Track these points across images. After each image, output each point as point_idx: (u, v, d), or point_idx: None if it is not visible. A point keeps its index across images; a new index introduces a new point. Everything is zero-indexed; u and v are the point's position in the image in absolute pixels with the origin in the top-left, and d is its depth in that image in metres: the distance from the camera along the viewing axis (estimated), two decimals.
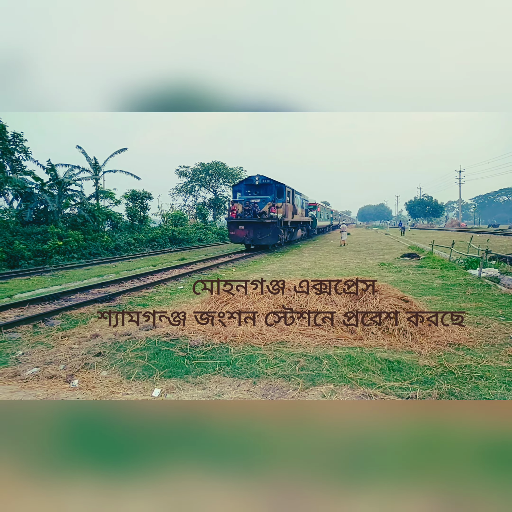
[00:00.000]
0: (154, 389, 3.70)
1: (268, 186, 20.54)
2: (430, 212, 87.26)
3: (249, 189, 20.91)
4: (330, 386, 3.70)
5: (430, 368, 4.02)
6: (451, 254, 14.10)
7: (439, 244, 18.51)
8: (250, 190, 20.83)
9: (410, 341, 4.77)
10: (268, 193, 20.24)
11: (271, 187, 20.44)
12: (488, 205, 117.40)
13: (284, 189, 20.56)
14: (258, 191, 20.65)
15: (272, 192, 20.24)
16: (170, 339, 4.84)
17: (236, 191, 21.42)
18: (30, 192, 20.11)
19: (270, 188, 20.41)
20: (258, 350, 4.54)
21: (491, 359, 4.28)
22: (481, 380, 3.75)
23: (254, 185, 20.71)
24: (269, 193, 20.19)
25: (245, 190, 20.97)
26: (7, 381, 3.96)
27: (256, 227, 19.15)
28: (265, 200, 19.71)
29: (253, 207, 19.38)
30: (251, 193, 20.66)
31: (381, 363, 4.11)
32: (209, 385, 3.79)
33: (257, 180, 20.61)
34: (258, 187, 20.68)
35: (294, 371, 4.00)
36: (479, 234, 32.00)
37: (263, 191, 20.47)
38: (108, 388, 3.75)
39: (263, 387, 3.73)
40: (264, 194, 20.23)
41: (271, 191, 20.29)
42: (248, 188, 20.95)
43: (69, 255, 17.79)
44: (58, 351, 4.75)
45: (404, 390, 3.58)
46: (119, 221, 26.08)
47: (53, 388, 3.76)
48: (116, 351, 4.58)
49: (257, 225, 19.11)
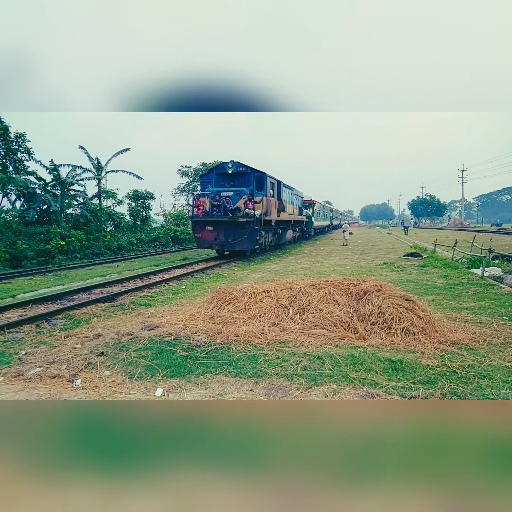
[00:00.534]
0: (156, 389, 3.71)
1: (245, 175, 16.37)
2: (433, 211, 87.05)
3: (221, 179, 16.72)
4: (333, 385, 3.70)
5: (433, 367, 4.01)
6: (454, 253, 14.06)
7: (442, 243, 18.46)
8: (222, 181, 16.69)
9: (413, 340, 4.75)
10: (245, 184, 16.19)
11: (248, 176, 16.30)
12: (491, 204, 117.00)
13: (265, 180, 16.36)
14: (232, 181, 16.55)
15: (250, 183, 16.17)
16: (173, 338, 4.84)
17: (206, 182, 17.03)
18: (33, 192, 20.17)
19: (247, 178, 16.32)
20: (261, 350, 4.54)
21: (494, 358, 4.26)
22: (484, 380, 3.74)
23: (227, 174, 16.50)
24: (246, 184, 16.12)
25: (216, 181, 16.72)
26: (10, 380, 3.97)
27: (228, 228, 15.02)
28: (239, 193, 15.51)
29: (223, 202, 15.26)
30: (223, 184, 16.57)
31: (384, 363, 4.10)
32: (211, 385, 3.79)
33: (230, 167, 16.36)
34: (233, 176, 16.50)
35: (296, 371, 4.00)
36: (482, 233, 31.88)
37: (239, 182, 16.38)
38: (111, 388, 3.76)
39: (265, 386, 3.73)
40: (240, 186, 16.14)
41: (248, 181, 16.22)
42: (220, 179, 16.73)
43: (71, 255, 17.85)
44: (61, 351, 4.76)
45: (406, 390, 3.57)
46: (122, 221, 26.14)
47: (56, 388, 3.77)
48: (118, 350, 4.59)
49: (229, 225, 14.99)
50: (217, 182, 16.71)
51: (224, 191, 15.74)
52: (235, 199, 15.41)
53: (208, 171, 17.73)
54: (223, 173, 16.61)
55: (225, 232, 15.11)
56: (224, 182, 16.64)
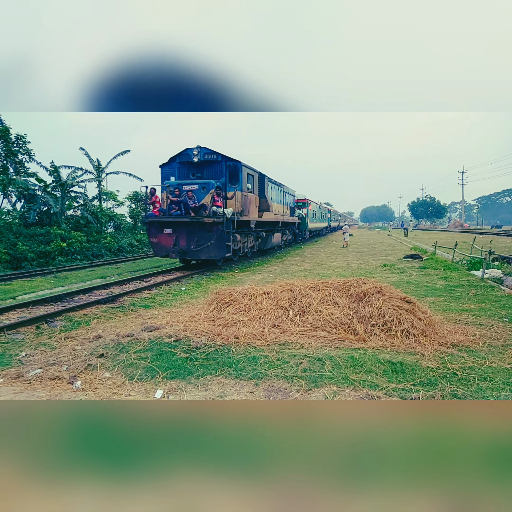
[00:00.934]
0: (156, 391, 3.70)
1: (216, 165, 13.15)
2: (433, 213, 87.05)
3: (186, 170, 13.36)
4: (333, 387, 3.69)
5: (433, 369, 4.00)
6: (454, 255, 14.06)
7: (442, 245, 18.46)
8: (187, 172, 13.35)
9: (413, 342, 4.75)
10: (215, 175, 13.06)
11: (219, 166, 13.10)
12: (491, 206, 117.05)
13: (240, 170, 13.04)
14: (200, 172, 13.26)
15: (221, 174, 13.01)
16: (173, 340, 4.84)
17: (168, 174, 13.54)
18: (33, 193, 20.21)
19: (218, 168, 13.12)
20: (261, 352, 4.54)
21: (495, 360, 4.26)
22: (485, 382, 3.73)
23: (192, 163, 13.08)
24: (217, 176, 13.01)
25: (180, 172, 13.41)
26: (10, 382, 3.97)
27: (190, 231, 11.91)
28: (206, 186, 12.35)
29: (185, 197, 12.02)
30: (188, 176, 13.27)
31: (384, 365, 4.10)
32: (211, 387, 3.79)
33: (195, 155, 12.91)
34: (200, 166, 13.18)
35: (296, 373, 4.00)
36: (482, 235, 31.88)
37: (208, 173, 13.19)
38: (111, 390, 3.76)
39: (265, 388, 3.73)
40: (209, 178, 12.96)
41: (220, 172, 13.07)
42: (185, 169, 13.36)
43: (72, 256, 17.87)
44: (61, 352, 4.76)
45: (407, 392, 3.56)
46: (122, 222, 26.18)
47: (56, 389, 3.77)
48: (118, 352, 4.59)
49: (192, 228, 11.88)
50: (180, 173, 13.36)
51: (187, 184, 12.45)
52: (200, 194, 12.17)
53: (170, 160, 13.62)
54: (188, 162, 13.17)
55: (187, 236, 11.94)
56: (189, 173, 13.30)
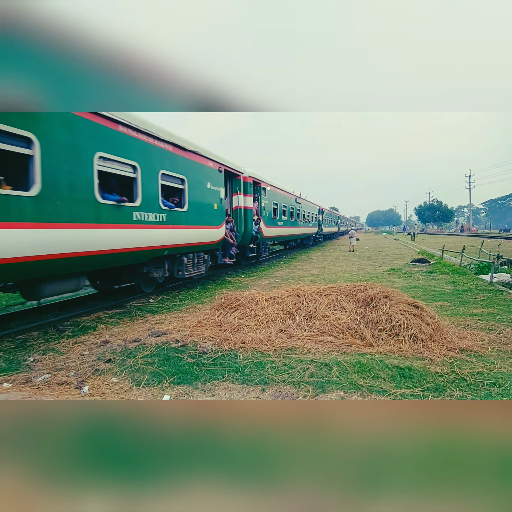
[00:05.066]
0: (163, 396, 3.71)
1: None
2: (440, 217, 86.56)
3: None
4: (340, 393, 3.67)
5: (442, 375, 3.97)
6: (462, 259, 13.95)
7: (449, 249, 18.33)
8: None
9: (421, 347, 4.71)
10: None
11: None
12: (499, 210, 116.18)
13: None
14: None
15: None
16: (179, 345, 4.85)
17: None
18: None
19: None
20: (267, 357, 4.53)
21: (504, 365, 4.21)
22: (494, 387, 3.69)
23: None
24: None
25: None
26: (19, 387, 4.00)
27: None
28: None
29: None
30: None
31: (392, 370, 4.07)
32: (218, 392, 3.78)
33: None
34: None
35: (303, 378, 3.98)
36: (490, 239, 31.60)
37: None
38: (118, 395, 3.77)
39: (272, 394, 3.72)
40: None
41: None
42: None
43: None
44: (68, 357, 4.79)
45: (415, 398, 3.53)
46: None
47: (64, 395, 3.79)
48: (126, 357, 4.60)
49: None
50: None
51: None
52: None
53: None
54: None
55: None
56: None
